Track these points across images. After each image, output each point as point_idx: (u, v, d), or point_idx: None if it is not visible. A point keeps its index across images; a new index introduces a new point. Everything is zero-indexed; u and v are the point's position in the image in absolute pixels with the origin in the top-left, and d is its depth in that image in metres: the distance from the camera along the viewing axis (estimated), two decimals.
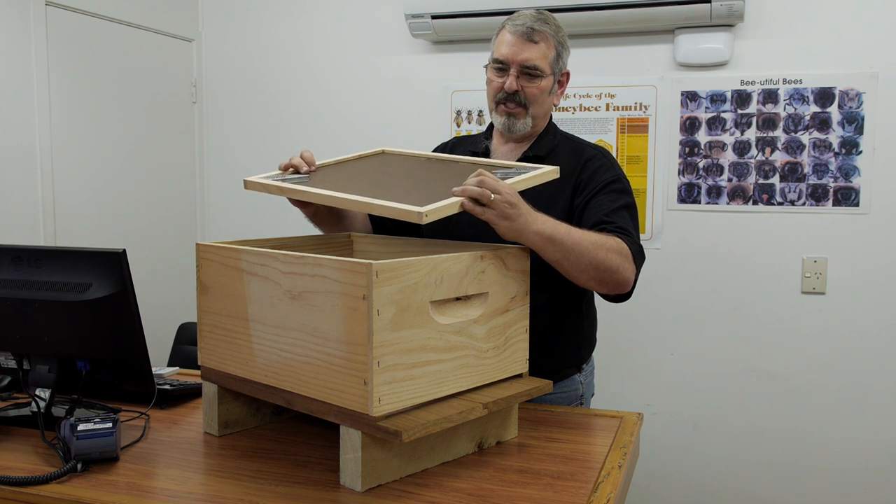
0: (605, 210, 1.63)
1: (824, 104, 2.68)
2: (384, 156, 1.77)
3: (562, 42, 1.74)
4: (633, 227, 1.64)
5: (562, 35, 1.74)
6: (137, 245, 2.94)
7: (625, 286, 1.55)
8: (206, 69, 3.43)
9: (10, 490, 1.18)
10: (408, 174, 1.62)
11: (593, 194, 1.67)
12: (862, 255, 2.68)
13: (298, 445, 1.38)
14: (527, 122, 1.73)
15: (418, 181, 1.57)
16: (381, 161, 1.73)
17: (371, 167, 1.69)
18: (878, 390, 2.69)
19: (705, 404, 2.87)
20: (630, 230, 1.61)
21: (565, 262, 1.45)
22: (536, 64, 1.68)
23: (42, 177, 2.67)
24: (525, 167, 1.54)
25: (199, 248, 1.41)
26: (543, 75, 1.70)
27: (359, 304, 1.13)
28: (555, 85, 1.75)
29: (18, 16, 2.58)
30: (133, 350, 1.43)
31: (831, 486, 2.75)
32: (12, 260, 1.46)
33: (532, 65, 1.68)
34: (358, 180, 1.58)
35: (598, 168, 1.71)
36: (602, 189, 1.68)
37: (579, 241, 1.45)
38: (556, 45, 1.72)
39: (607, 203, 1.64)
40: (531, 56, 1.68)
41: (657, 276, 2.88)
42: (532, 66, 1.69)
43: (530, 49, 1.68)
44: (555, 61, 1.72)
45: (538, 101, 1.72)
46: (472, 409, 1.23)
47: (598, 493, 1.18)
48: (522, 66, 1.69)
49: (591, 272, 1.48)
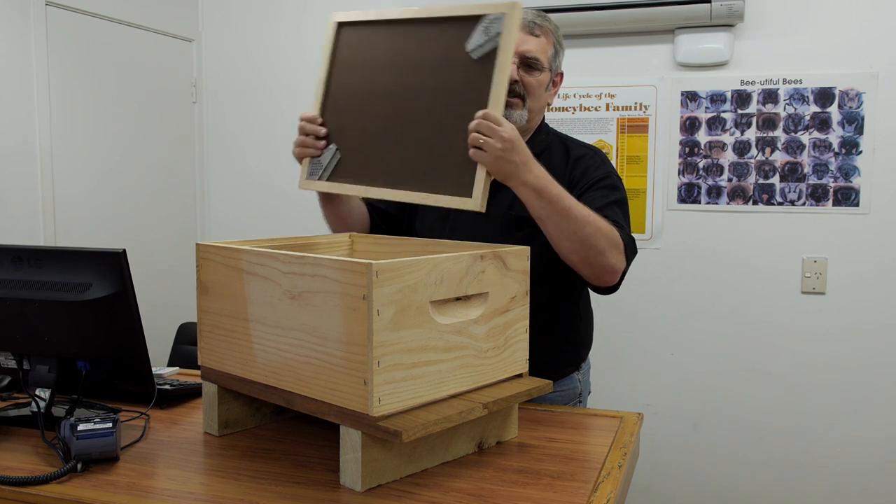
0: (597, 205, 1.63)
1: (824, 104, 2.68)
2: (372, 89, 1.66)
3: (559, 41, 1.76)
4: (625, 222, 1.65)
5: (559, 35, 1.77)
6: (137, 245, 2.94)
7: (611, 274, 1.55)
8: (206, 69, 3.43)
9: (10, 490, 1.18)
10: (420, 129, 1.55)
11: (584, 190, 1.68)
12: (862, 255, 2.68)
13: (298, 445, 1.37)
14: (523, 114, 1.74)
15: (436, 141, 1.53)
16: (377, 103, 1.63)
17: (376, 113, 1.61)
18: (878, 390, 2.69)
19: (705, 404, 2.87)
20: (622, 224, 1.62)
21: (549, 223, 1.47)
22: (537, 56, 1.70)
23: (42, 177, 2.67)
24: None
25: (199, 248, 1.42)
26: (542, 68, 1.72)
27: (359, 304, 1.13)
28: (550, 83, 1.77)
29: (18, 16, 2.58)
30: (133, 350, 1.43)
31: (831, 485, 2.75)
32: (12, 260, 1.46)
33: (533, 56, 1.70)
34: (384, 156, 1.57)
35: (588, 166, 1.73)
36: (593, 185, 1.69)
37: (570, 207, 1.46)
38: (555, 42, 1.75)
39: (598, 198, 1.65)
40: (532, 48, 1.70)
41: (657, 276, 2.88)
42: (533, 58, 1.70)
43: (532, 41, 1.70)
44: (553, 58, 1.75)
45: (535, 93, 1.73)
46: (472, 409, 1.23)
47: (598, 493, 1.18)
48: (523, 56, 1.70)
49: (576, 245, 1.49)
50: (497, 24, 1.45)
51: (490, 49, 1.44)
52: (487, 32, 1.45)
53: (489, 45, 1.44)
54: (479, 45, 1.46)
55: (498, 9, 1.51)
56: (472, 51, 1.47)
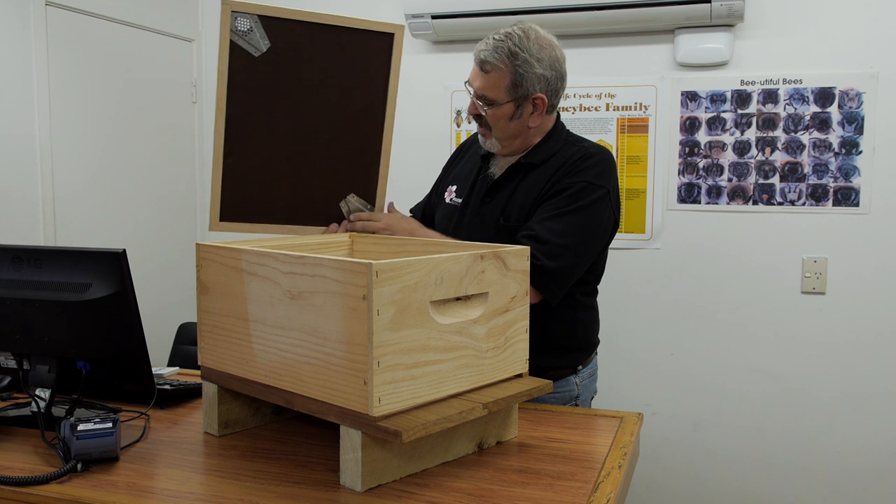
0: (541, 216, 1.67)
1: (824, 104, 2.68)
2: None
3: (521, 67, 1.67)
4: (561, 236, 1.64)
5: (522, 59, 1.66)
6: (137, 245, 2.94)
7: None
8: (206, 69, 3.43)
9: (10, 490, 1.18)
10: (319, 166, 1.77)
11: (548, 196, 1.70)
12: (862, 255, 2.68)
13: (298, 445, 1.38)
14: (493, 142, 1.78)
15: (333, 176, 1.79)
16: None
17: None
18: (877, 390, 2.69)
19: (705, 404, 2.87)
20: (547, 239, 1.62)
21: None
22: (485, 94, 1.71)
23: (42, 177, 2.66)
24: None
25: (199, 248, 1.42)
26: (496, 103, 1.71)
27: (359, 304, 1.13)
28: (520, 109, 1.71)
29: (18, 16, 2.58)
30: (133, 350, 1.43)
31: (831, 485, 2.75)
32: (12, 260, 1.46)
33: (482, 94, 1.72)
34: (287, 192, 1.78)
35: (569, 171, 1.72)
36: (559, 193, 1.69)
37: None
38: (512, 73, 1.67)
39: (550, 207, 1.68)
40: (481, 85, 1.72)
41: (657, 276, 2.88)
42: (481, 96, 1.72)
43: (482, 78, 1.71)
44: (511, 89, 1.69)
45: (497, 125, 1.74)
46: (472, 409, 1.23)
47: (598, 493, 1.18)
48: (476, 93, 1.73)
49: None
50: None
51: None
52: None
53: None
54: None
55: (385, 28, 1.63)
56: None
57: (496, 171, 1.81)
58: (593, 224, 1.70)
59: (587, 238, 1.69)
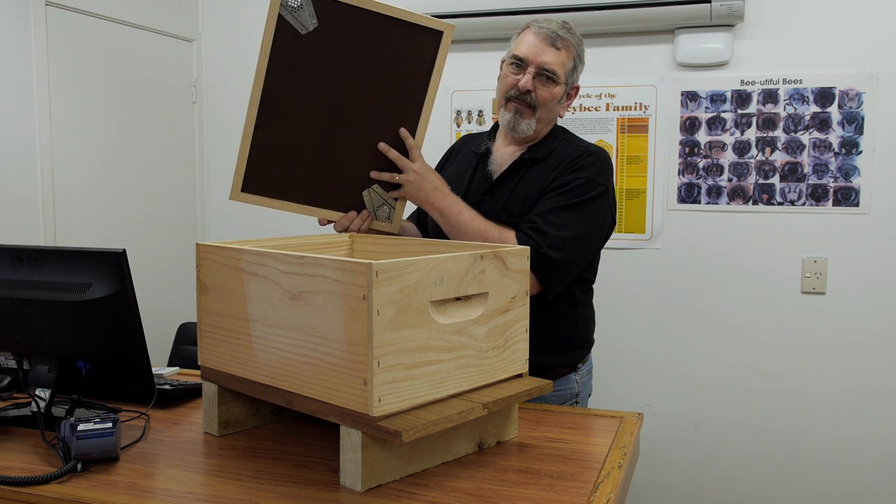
0: (542, 209, 1.67)
1: (824, 104, 2.68)
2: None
3: (580, 56, 1.76)
4: (562, 229, 1.64)
5: (581, 49, 1.76)
6: (137, 245, 2.94)
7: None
8: (206, 69, 3.43)
9: (10, 490, 1.18)
10: (352, 150, 1.72)
11: (549, 191, 1.70)
12: (862, 255, 2.68)
13: (298, 445, 1.38)
14: (531, 123, 1.74)
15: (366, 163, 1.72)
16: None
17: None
18: (877, 390, 2.69)
19: (705, 404, 2.87)
20: (549, 231, 1.62)
21: (451, 236, 1.66)
22: (555, 69, 1.71)
23: (42, 177, 2.67)
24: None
25: (199, 248, 1.42)
26: (558, 82, 1.72)
27: (359, 304, 1.13)
28: (564, 96, 1.76)
29: (18, 16, 2.58)
30: (133, 350, 1.43)
31: (831, 485, 2.75)
32: (12, 260, 1.46)
33: (551, 69, 1.70)
34: (315, 174, 1.72)
35: (569, 168, 1.72)
36: (559, 187, 1.70)
37: (465, 223, 1.64)
38: (576, 56, 1.75)
39: (551, 201, 1.67)
40: (551, 60, 1.70)
41: (657, 276, 2.88)
42: (550, 70, 1.70)
43: (552, 53, 1.70)
44: (570, 72, 1.74)
45: (547, 105, 1.73)
46: (472, 409, 1.23)
47: (598, 493, 1.18)
48: (541, 67, 1.70)
49: None
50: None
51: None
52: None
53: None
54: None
55: (436, 25, 1.61)
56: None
57: (496, 169, 1.81)
58: (594, 219, 1.71)
59: (588, 232, 1.70)
